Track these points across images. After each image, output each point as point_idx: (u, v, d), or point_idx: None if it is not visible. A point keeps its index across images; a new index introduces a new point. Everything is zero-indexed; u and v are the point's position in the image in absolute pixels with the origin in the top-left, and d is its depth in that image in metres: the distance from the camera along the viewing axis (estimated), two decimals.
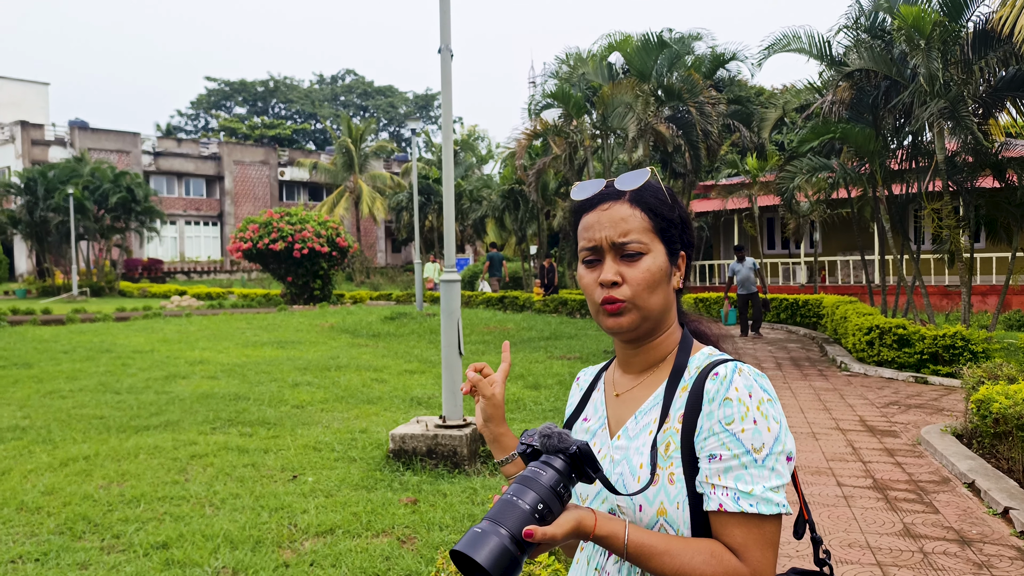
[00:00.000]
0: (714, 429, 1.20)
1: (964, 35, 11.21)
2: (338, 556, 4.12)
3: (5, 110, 48.09)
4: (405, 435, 5.96)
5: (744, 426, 1.18)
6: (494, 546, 1.05)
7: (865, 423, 7.72)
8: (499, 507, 1.09)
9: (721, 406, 1.20)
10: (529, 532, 1.08)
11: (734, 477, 1.17)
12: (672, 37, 17.36)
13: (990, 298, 18.87)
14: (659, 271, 1.28)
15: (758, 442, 1.18)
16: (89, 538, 4.46)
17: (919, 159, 13.01)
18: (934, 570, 4.03)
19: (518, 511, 1.09)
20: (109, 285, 35.07)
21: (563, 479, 1.13)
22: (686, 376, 1.28)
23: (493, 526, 1.07)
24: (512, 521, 1.08)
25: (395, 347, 13.17)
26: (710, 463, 1.19)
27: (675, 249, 1.31)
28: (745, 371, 1.22)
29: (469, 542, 1.05)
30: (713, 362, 1.25)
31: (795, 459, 1.22)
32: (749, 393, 1.19)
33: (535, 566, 2.90)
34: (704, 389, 1.22)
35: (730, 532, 1.17)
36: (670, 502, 1.21)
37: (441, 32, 6.41)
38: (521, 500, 1.09)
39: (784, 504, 1.18)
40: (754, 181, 22.46)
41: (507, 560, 1.05)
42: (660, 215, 1.29)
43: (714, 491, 1.18)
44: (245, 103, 75.50)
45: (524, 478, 1.13)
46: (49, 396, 8.94)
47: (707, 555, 1.16)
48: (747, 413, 1.18)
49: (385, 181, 43.25)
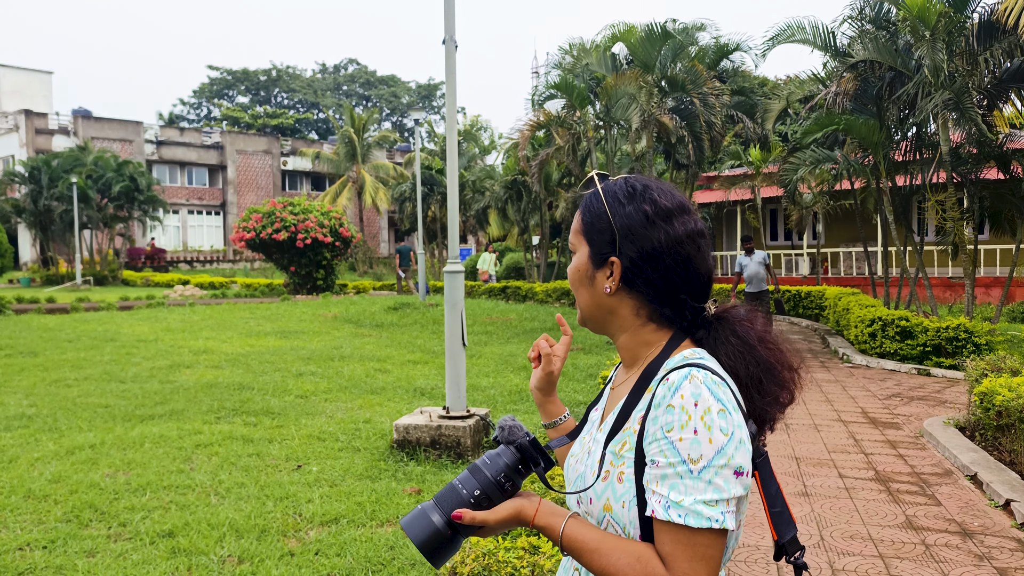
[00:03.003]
0: (656, 435, 1.18)
1: (969, 26, 11.17)
2: (343, 545, 4.15)
3: (9, 99, 48.06)
4: (409, 426, 5.98)
5: (683, 435, 1.15)
6: (426, 525, 1.19)
7: (867, 415, 7.74)
8: (445, 491, 1.22)
9: (665, 412, 1.17)
10: (458, 515, 1.19)
11: (668, 485, 1.15)
12: (676, 27, 17.30)
13: (993, 290, 18.85)
14: (575, 271, 1.35)
15: (695, 453, 1.14)
16: (96, 526, 4.49)
17: (923, 151, 12.98)
18: (936, 562, 4.05)
19: (457, 496, 1.21)
20: (112, 274, 35.13)
21: (508, 471, 1.22)
22: (657, 378, 1.25)
23: (433, 507, 1.21)
24: (449, 505, 1.20)
25: (398, 337, 13.20)
26: (650, 468, 1.18)
27: (601, 252, 1.30)
28: (698, 378, 1.18)
29: (410, 520, 1.20)
30: (676, 366, 1.22)
31: (746, 474, 1.17)
32: (695, 402, 1.15)
33: (540, 556, 2.92)
34: (655, 392, 1.21)
35: (660, 540, 1.16)
36: (616, 500, 1.22)
37: (445, 23, 6.40)
38: (463, 487, 1.21)
39: (719, 519, 1.13)
40: (757, 172, 22.43)
41: (437, 539, 1.19)
42: (587, 219, 1.34)
43: (651, 497, 1.17)
44: (248, 92, 75.38)
45: (474, 467, 1.23)
46: (55, 384, 8.98)
47: (633, 559, 1.15)
48: (688, 422, 1.15)
49: (388, 171, 43.19)
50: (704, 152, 18.01)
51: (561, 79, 18.01)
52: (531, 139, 21.31)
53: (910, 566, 4.00)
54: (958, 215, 11.82)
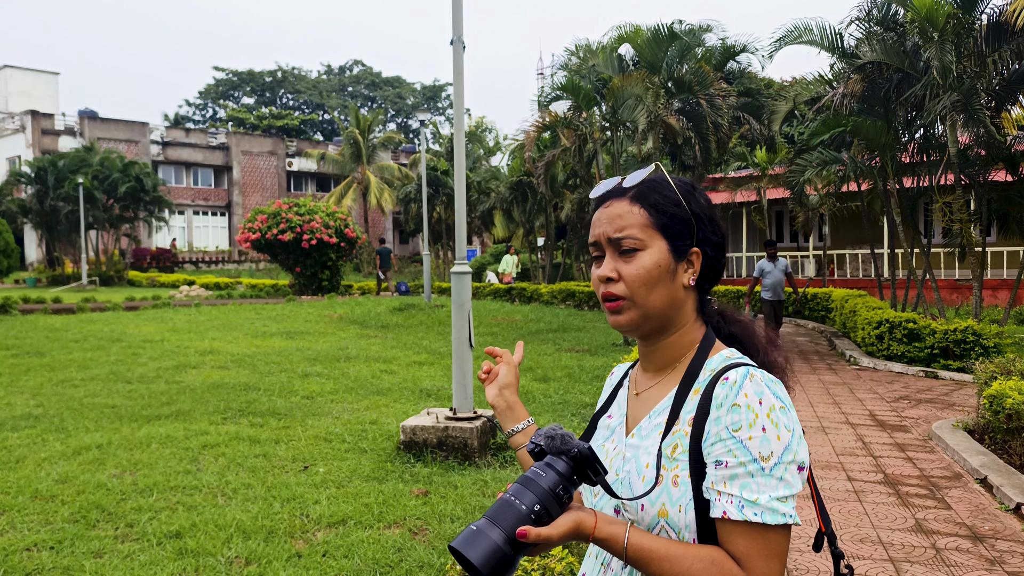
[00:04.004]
0: (721, 435, 1.17)
1: (978, 27, 11.13)
2: (350, 547, 4.14)
3: (16, 100, 48.24)
4: (416, 427, 5.97)
5: (752, 433, 1.15)
6: (487, 545, 1.08)
7: (875, 417, 7.70)
8: (497, 507, 1.12)
9: (729, 412, 1.17)
10: (522, 532, 1.10)
11: (739, 485, 1.15)
12: (683, 29, 17.25)
13: (1001, 292, 18.78)
14: (655, 267, 1.26)
15: (766, 450, 1.15)
16: (103, 527, 4.49)
17: (931, 152, 12.94)
18: (947, 566, 4.03)
19: (515, 512, 1.11)
20: (118, 274, 35.22)
21: (564, 481, 1.14)
22: (700, 378, 1.25)
23: (489, 525, 1.10)
24: (508, 521, 1.10)
25: (404, 338, 13.19)
26: (716, 469, 1.17)
27: (682, 245, 1.28)
28: (757, 376, 1.19)
29: (464, 540, 1.09)
30: (727, 366, 1.23)
31: (807, 469, 1.20)
32: (760, 400, 1.17)
33: (550, 559, 2.91)
34: (713, 394, 1.20)
35: (734, 541, 1.15)
36: (672, 504, 1.20)
37: (453, 24, 6.40)
38: (519, 501, 1.12)
39: (791, 515, 1.15)
40: (763, 174, 22.38)
41: (498, 559, 1.08)
42: (662, 211, 1.27)
43: (719, 498, 1.16)
44: (253, 93, 75.51)
45: (526, 479, 1.14)
46: (61, 385, 8.99)
47: (708, 563, 1.14)
48: (756, 420, 1.16)
49: (393, 172, 43.24)
50: (710, 153, 17.96)
51: (568, 80, 17.98)
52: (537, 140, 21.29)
53: (921, 570, 3.97)
54: (966, 217, 11.77)
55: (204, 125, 70.68)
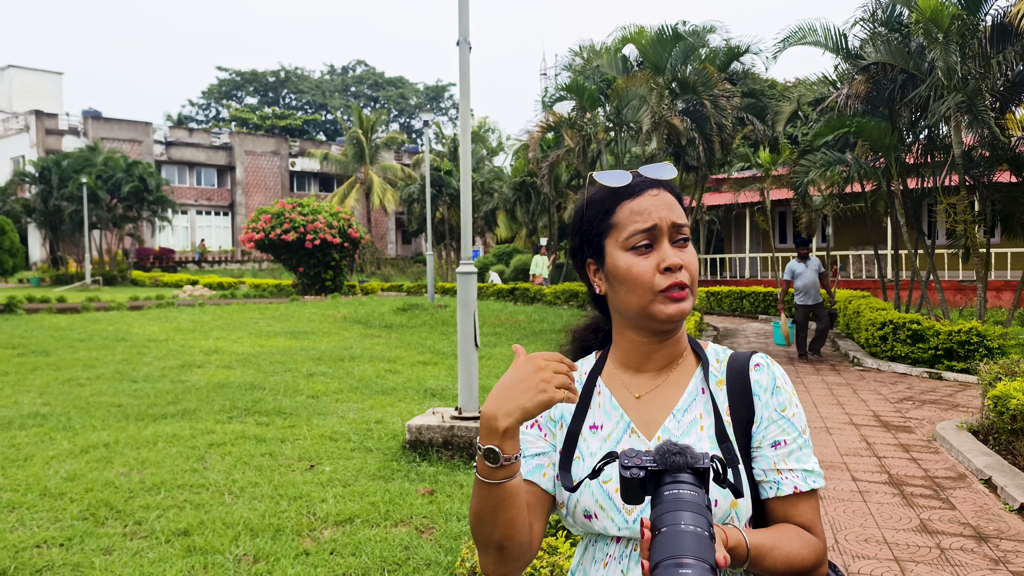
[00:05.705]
0: (772, 417, 1.27)
1: (982, 29, 11.12)
2: (358, 545, 4.16)
3: (20, 99, 48.36)
4: (421, 426, 5.99)
5: (794, 411, 1.28)
6: None
7: (879, 418, 7.71)
8: (690, 541, 0.98)
9: (774, 394, 1.28)
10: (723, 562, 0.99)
11: (795, 459, 1.26)
12: (687, 30, 17.27)
13: (1005, 294, 18.76)
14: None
15: (803, 423, 1.28)
16: (112, 524, 4.52)
17: (935, 153, 12.93)
18: (951, 566, 4.04)
19: (704, 540, 0.99)
20: (121, 274, 35.28)
21: (704, 496, 1.05)
22: (712, 371, 1.29)
23: (700, 566, 0.96)
24: (707, 551, 0.98)
25: (408, 338, 13.21)
26: (775, 450, 1.25)
27: None
28: (771, 360, 1.32)
29: None
30: (741, 354, 1.31)
31: None
32: (786, 379, 1.30)
33: (558, 556, 2.92)
34: (751, 380, 1.28)
35: (802, 511, 1.24)
36: None
37: (460, 25, 6.41)
38: (698, 528, 1.00)
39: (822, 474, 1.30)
40: (767, 175, 22.38)
41: None
42: (683, 207, 1.32)
43: (786, 476, 1.25)
44: (256, 93, 75.62)
45: (677, 500, 1.02)
46: (67, 384, 9.03)
47: (799, 540, 1.22)
48: (791, 398, 1.29)
49: (396, 172, 43.30)
50: (714, 154, 17.98)
51: (572, 81, 18.01)
52: (541, 141, 21.32)
53: (926, 570, 3.99)
54: (970, 218, 11.77)
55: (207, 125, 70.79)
